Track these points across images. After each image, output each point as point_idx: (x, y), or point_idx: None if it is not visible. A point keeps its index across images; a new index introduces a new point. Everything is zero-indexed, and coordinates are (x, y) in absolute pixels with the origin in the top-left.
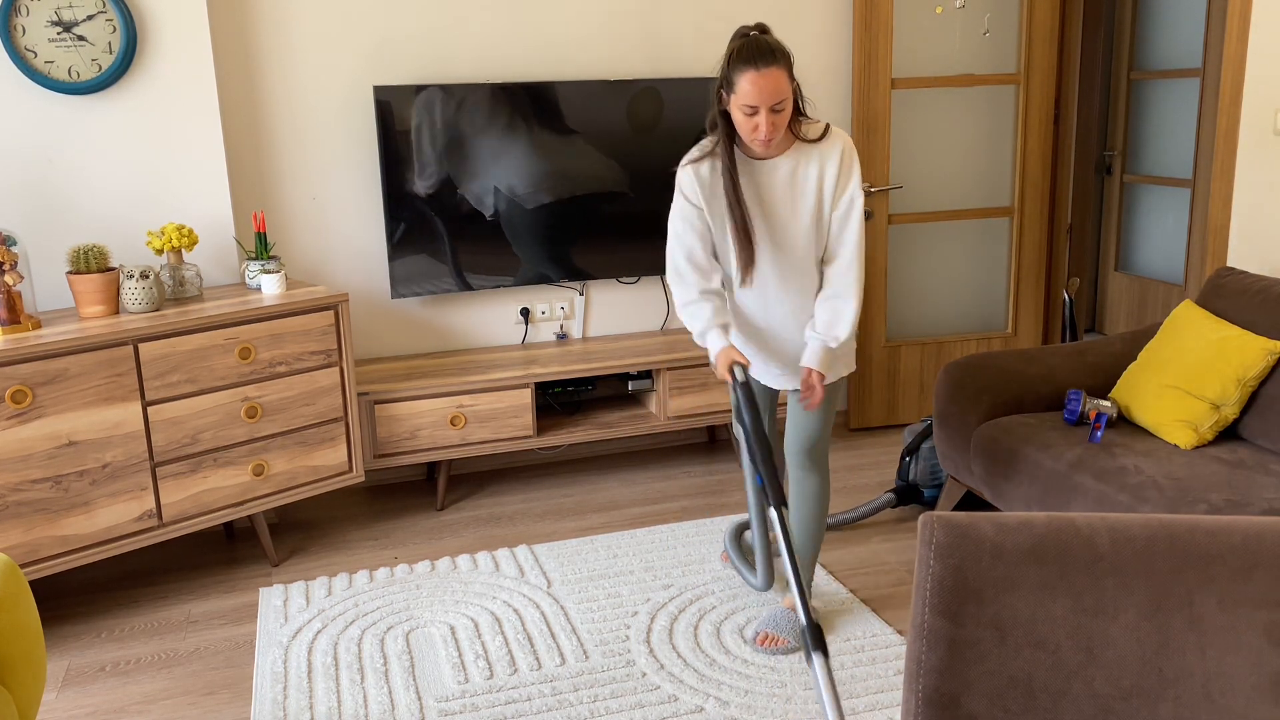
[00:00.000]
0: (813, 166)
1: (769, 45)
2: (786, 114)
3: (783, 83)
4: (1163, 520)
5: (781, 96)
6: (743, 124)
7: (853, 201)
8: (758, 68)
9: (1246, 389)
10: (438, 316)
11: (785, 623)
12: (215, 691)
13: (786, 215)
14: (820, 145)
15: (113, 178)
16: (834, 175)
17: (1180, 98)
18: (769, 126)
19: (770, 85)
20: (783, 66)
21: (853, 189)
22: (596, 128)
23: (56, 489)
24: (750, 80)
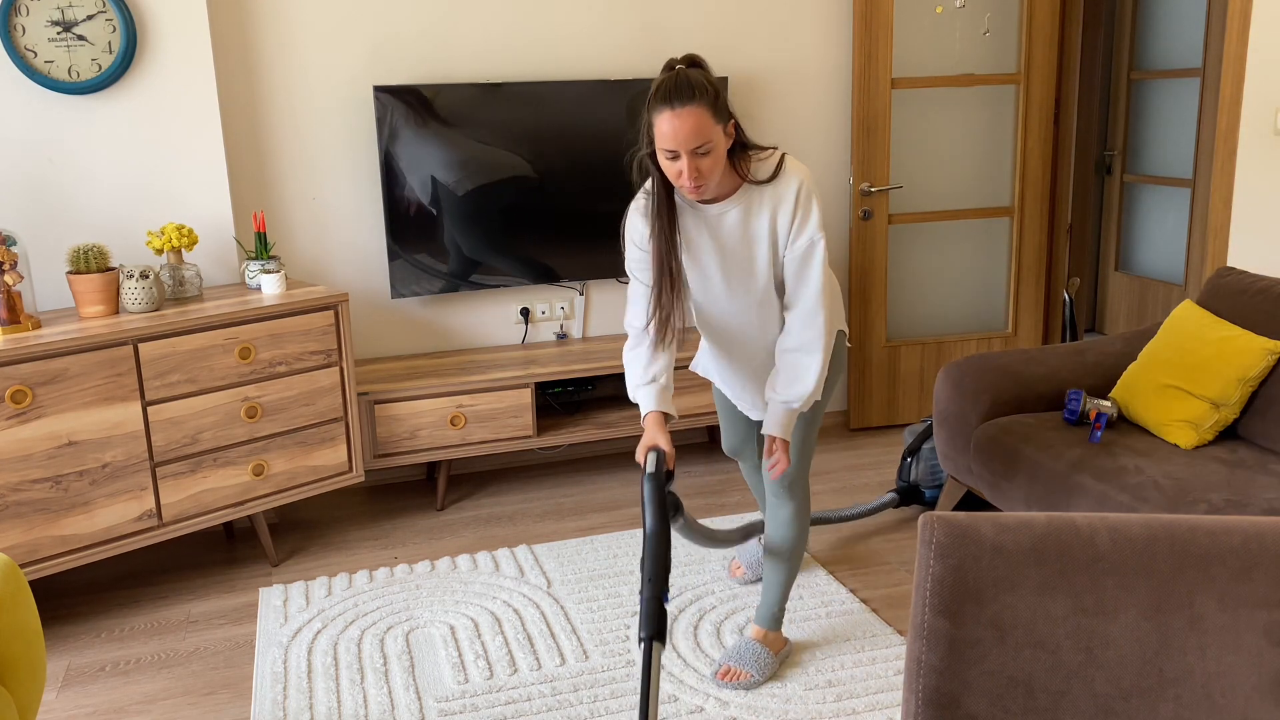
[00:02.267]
0: (764, 210)
1: (688, 81)
2: (715, 157)
3: (704, 123)
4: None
5: (704, 139)
6: (667, 169)
7: (812, 245)
8: (673, 106)
9: (1246, 389)
10: (438, 316)
11: (749, 656)
12: (215, 691)
13: (740, 264)
14: (773, 186)
15: (112, 177)
16: (788, 218)
17: (1180, 98)
18: (691, 172)
19: (687, 127)
20: (703, 104)
21: (810, 231)
22: (596, 127)
23: (56, 489)
24: (665, 121)
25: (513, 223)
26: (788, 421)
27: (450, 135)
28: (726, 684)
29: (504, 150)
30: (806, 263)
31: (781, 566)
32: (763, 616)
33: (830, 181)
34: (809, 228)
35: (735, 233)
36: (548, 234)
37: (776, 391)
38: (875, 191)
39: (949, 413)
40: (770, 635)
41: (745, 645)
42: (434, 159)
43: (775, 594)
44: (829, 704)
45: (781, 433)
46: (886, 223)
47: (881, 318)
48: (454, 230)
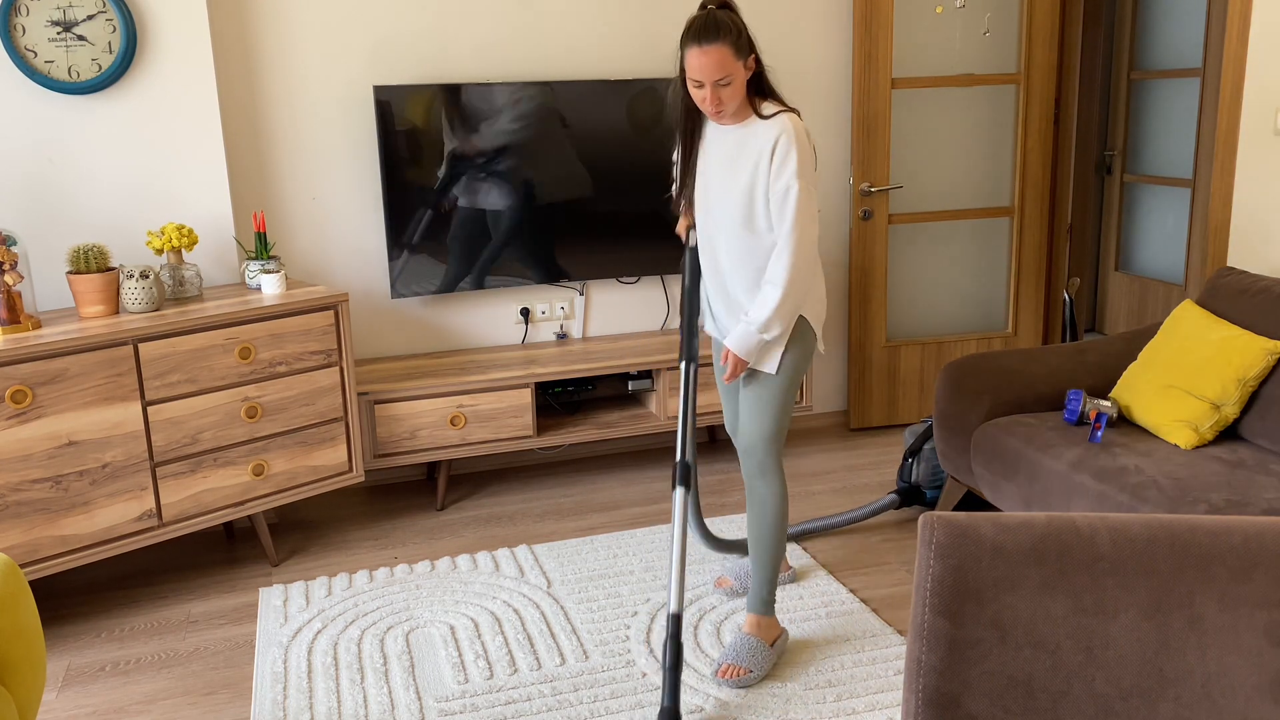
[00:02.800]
0: (754, 143)
1: (715, 21)
2: (735, 88)
3: (726, 59)
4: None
5: (725, 72)
6: (694, 95)
7: (788, 190)
8: (700, 44)
9: (1246, 389)
10: (438, 316)
11: (745, 651)
12: (215, 691)
13: (725, 181)
14: (765, 125)
15: (113, 177)
16: (767, 158)
17: (1180, 98)
18: (714, 100)
19: (711, 62)
20: (726, 42)
21: (787, 177)
22: (596, 127)
23: (56, 489)
24: (693, 56)
25: (513, 222)
26: (742, 338)
27: (450, 135)
28: (726, 681)
29: (504, 150)
30: (784, 206)
31: (761, 548)
32: (751, 602)
33: (830, 181)
34: (785, 173)
35: (731, 152)
36: (548, 234)
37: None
38: (875, 191)
39: (949, 413)
40: (763, 622)
41: (741, 641)
42: (434, 159)
43: (759, 576)
44: (829, 704)
45: (734, 344)
46: (886, 223)
47: (881, 318)
48: (454, 230)
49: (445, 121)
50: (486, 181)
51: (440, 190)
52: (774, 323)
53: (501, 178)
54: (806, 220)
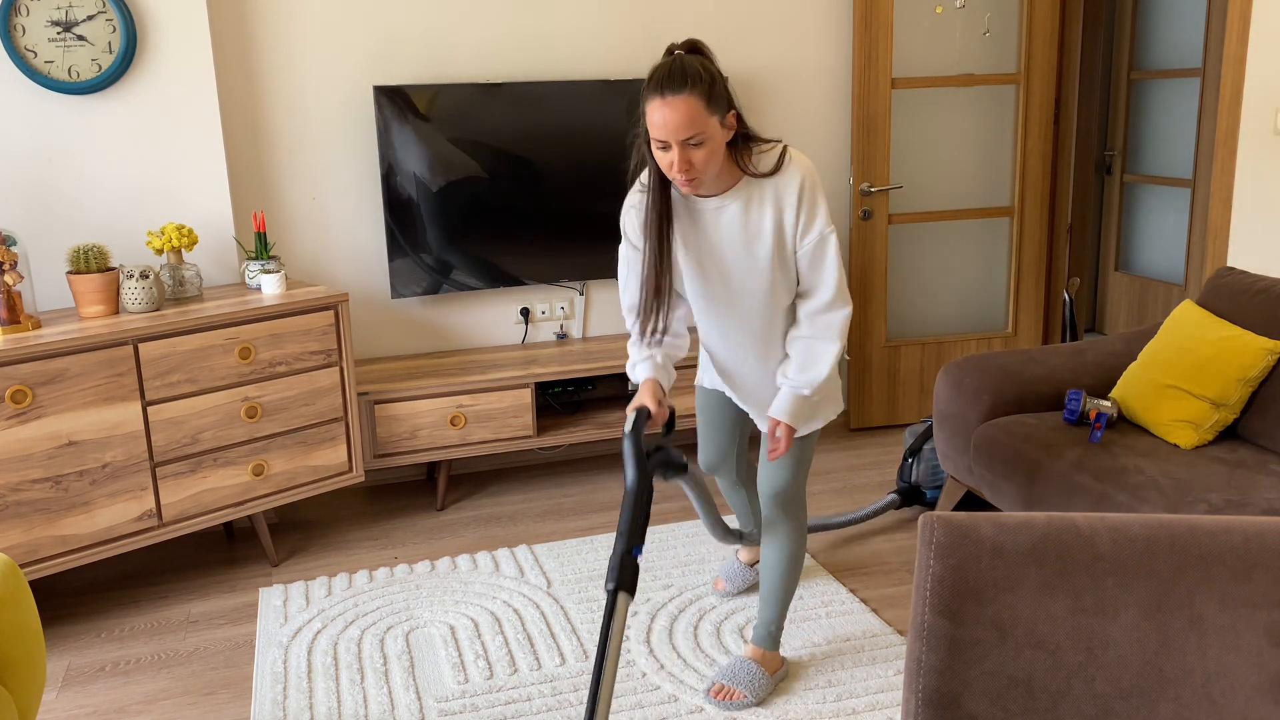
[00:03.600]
0: (768, 205)
1: (682, 68)
2: (709, 149)
3: (696, 113)
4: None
5: (695, 130)
6: (660, 160)
7: (822, 239)
8: (664, 95)
9: (1247, 389)
10: (438, 316)
11: (743, 675)
12: (215, 691)
13: (740, 261)
14: (774, 180)
15: (113, 177)
16: (793, 214)
17: (1180, 98)
18: (682, 164)
19: (678, 116)
20: (696, 93)
21: (819, 225)
22: (596, 127)
23: (56, 489)
24: (655, 109)
25: (513, 222)
26: (795, 407)
27: (450, 135)
28: (717, 703)
29: (504, 150)
30: (819, 257)
31: (778, 586)
32: (759, 636)
33: (830, 181)
34: (817, 223)
35: (734, 228)
36: (548, 234)
37: (788, 376)
38: (875, 191)
39: (949, 413)
40: (767, 655)
41: (739, 664)
42: (434, 159)
43: (771, 613)
44: (829, 704)
45: (787, 418)
46: (886, 223)
47: (881, 318)
48: (454, 230)
49: (445, 121)
50: (486, 181)
51: (440, 190)
52: (829, 381)
53: (502, 178)
54: (839, 262)
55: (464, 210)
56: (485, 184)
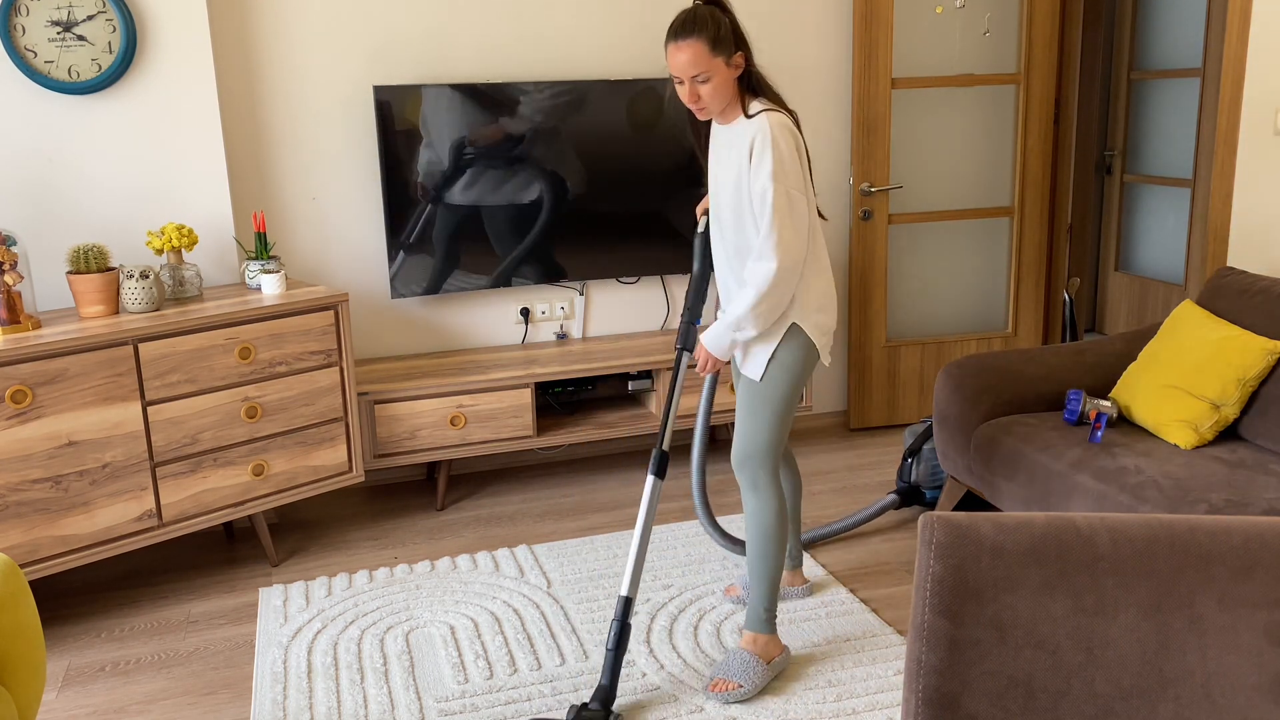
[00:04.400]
0: (738, 143)
1: (692, 16)
2: (715, 86)
3: (700, 54)
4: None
5: (699, 69)
6: (679, 92)
7: (764, 193)
8: (675, 39)
9: (1246, 389)
10: (438, 316)
11: (737, 666)
12: (215, 691)
13: (719, 178)
14: (747, 125)
15: (113, 178)
16: (746, 158)
17: (1180, 98)
18: (691, 96)
19: (685, 58)
20: (701, 38)
21: (763, 179)
22: (597, 127)
23: (56, 489)
24: (670, 52)
25: (513, 222)
26: (716, 334)
27: (450, 135)
28: (715, 696)
29: (504, 150)
30: (761, 208)
31: (756, 564)
32: (750, 619)
33: (830, 181)
34: (761, 174)
35: (724, 153)
36: (548, 234)
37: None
38: (875, 191)
39: (949, 413)
40: (760, 639)
41: (734, 655)
42: (434, 158)
43: (755, 591)
44: (829, 704)
45: (706, 338)
46: (886, 223)
47: (881, 318)
48: (454, 230)
49: (445, 121)
50: (487, 181)
51: (440, 190)
52: (746, 322)
53: (502, 178)
54: (786, 223)
55: (464, 210)
56: (485, 184)
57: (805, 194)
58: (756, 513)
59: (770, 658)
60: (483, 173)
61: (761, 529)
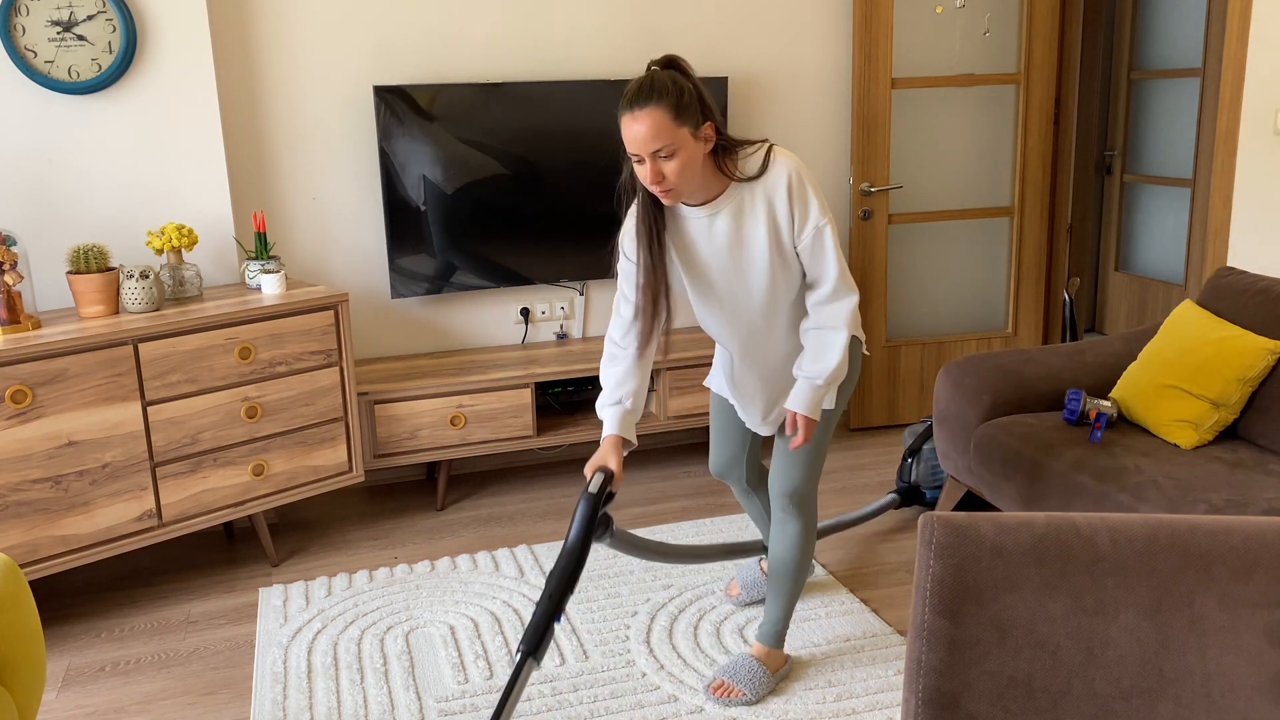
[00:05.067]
0: (759, 207)
1: (650, 83)
2: (682, 160)
3: (663, 125)
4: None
5: (662, 142)
6: (638, 172)
7: (819, 231)
8: (631, 110)
9: (1247, 389)
10: (438, 316)
11: (744, 673)
12: (215, 691)
13: (738, 266)
14: (763, 180)
15: (113, 177)
16: (786, 211)
17: (1180, 98)
18: (654, 175)
19: (643, 130)
20: (663, 106)
21: (813, 218)
22: (596, 128)
23: (56, 489)
24: (625, 124)
25: (513, 222)
26: (811, 398)
27: (450, 135)
28: (716, 699)
29: (504, 150)
30: (818, 249)
31: (785, 585)
32: (764, 634)
33: (830, 181)
34: (811, 215)
35: (729, 234)
36: (548, 234)
37: (802, 369)
38: (875, 191)
39: (949, 413)
40: (771, 653)
41: (741, 661)
42: (434, 159)
43: (777, 612)
44: (829, 704)
45: (804, 409)
46: (886, 223)
47: (881, 318)
48: (454, 230)
49: (445, 121)
50: (487, 181)
51: (440, 190)
52: (840, 369)
53: (502, 178)
54: (840, 254)
55: (464, 210)
56: (485, 184)
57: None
58: (797, 533)
59: (776, 668)
60: (483, 172)
61: (799, 548)
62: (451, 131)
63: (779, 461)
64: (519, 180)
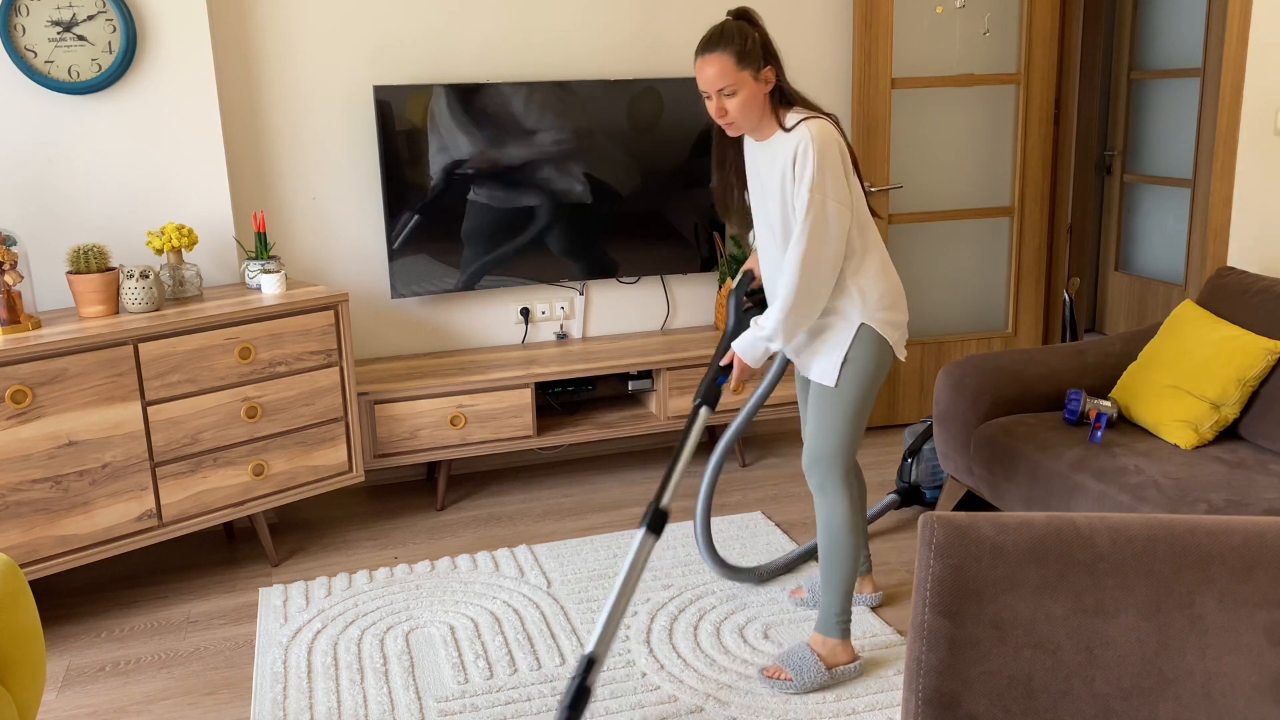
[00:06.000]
0: (780, 158)
1: (720, 31)
2: (742, 101)
3: (726, 68)
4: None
5: (725, 82)
6: (708, 107)
7: (805, 204)
8: (702, 54)
9: (1246, 389)
10: (438, 316)
11: (794, 659)
12: (215, 691)
13: (762, 200)
14: (788, 137)
15: (113, 177)
16: (789, 170)
17: (1180, 98)
18: (718, 110)
19: (711, 72)
20: (728, 52)
21: (804, 187)
22: (596, 128)
23: (56, 489)
24: (697, 67)
25: (513, 222)
26: (748, 343)
27: (450, 135)
28: (766, 680)
29: (504, 150)
30: (802, 216)
31: (824, 569)
32: (820, 620)
33: None
34: (803, 183)
35: (764, 171)
36: (548, 234)
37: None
38: (875, 191)
39: (949, 413)
40: (827, 643)
41: (796, 649)
42: (434, 159)
43: (826, 595)
44: (829, 704)
45: (739, 346)
46: (887, 223)
47: None
48: (454, 230)
49: (445, 121)
50: (487, 181)
51: (440, 190)
52: (777, 333)
53: (501, 178)
54: (817, 236)
55: (464, 210)
56: (485, 184)
57: (846, 204)
58: (826, 515)
59: (836, 663)
60: (482, 173)
61: (830, 532)
62: (451, 131)
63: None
64: (519, 180)
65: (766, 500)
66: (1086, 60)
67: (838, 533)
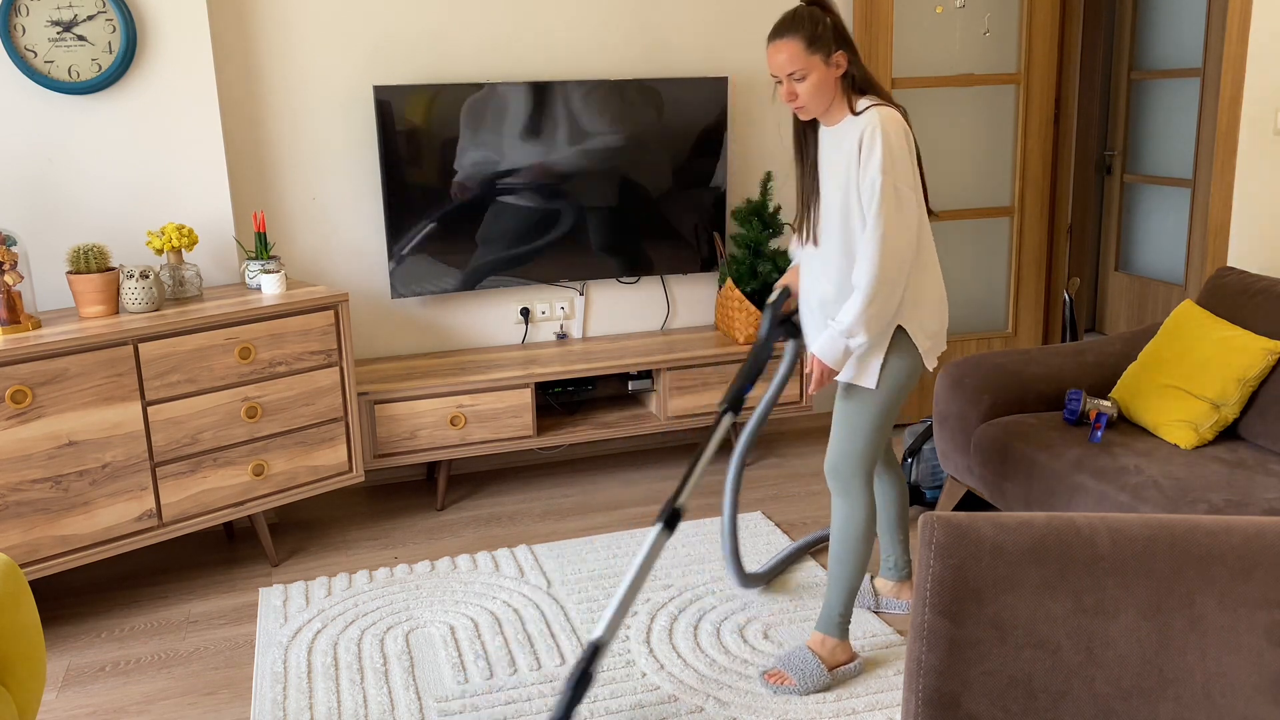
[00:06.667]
0: (846, 142)
1: (790, 16)
2: (812, 85)
3: (796, 53)
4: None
5: (794, 67)
6: (780, 92)
7: (872, 185)
8: (774, 40)
9: (1246, 389)
10: (438, 316)
11: (796, 662)
12: (215, 691)
13: (826, 184)
14: (856, 121)
15: (113, 177)
16: (854, 154)
17: (1180, 98)
18: (788, 94)
19: (782, 57)
20: (798, 37)
21: (872, 171)
22: (596, 128)
23: (56, 489)
24: (769, 51)
25: (512, 222)
26: (828, 344)
27: (450, 135)
28: (767, 685)
29: (504, 150)
30: (870, 201)
31: (833, 568)
32: (821, 619)
33: None
34: (871, 167)
35: (830, 155)
36: (548, 234)
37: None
38: None
39: (949, 413)
40: (829, 642)
41: (797, 652)
42: (434, 159)
43: (830, 595)
44: (829, 704)
45: (818, 349)
46: None
47: None
48: (454, 230)
49: (445, 121)
50: (487, 181)
51: (440, 190)
52: (858, 328)
53: (501, 178)
54: (893, 219)
55: (464, 210)
56: (485, 183)
57: (915, 191)
58: (845, 518)
59: (836, 663)
60: (482, 173)
61: (847, 535)
62: (451, 131)
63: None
64: (518, 180)
65: (766, 500)
66: (1086, 60)
67: (853, 538)
